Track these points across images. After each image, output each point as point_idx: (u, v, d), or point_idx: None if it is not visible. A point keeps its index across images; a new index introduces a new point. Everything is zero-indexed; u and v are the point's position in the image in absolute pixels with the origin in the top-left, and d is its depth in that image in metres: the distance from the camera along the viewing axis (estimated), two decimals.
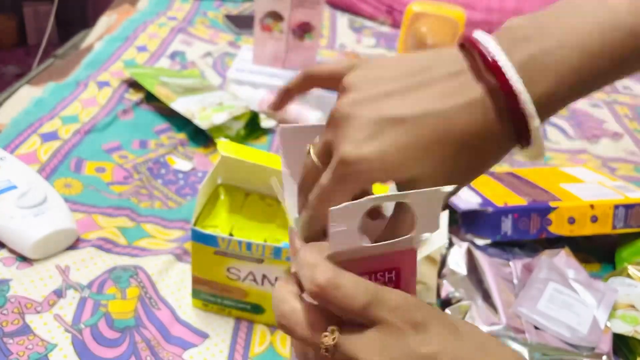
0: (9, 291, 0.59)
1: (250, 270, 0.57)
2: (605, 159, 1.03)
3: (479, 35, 0.33)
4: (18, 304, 0.58)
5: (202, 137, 0.92)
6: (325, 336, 0.30)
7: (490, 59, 0.32)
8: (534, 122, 0.32)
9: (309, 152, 0.36)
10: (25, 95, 0.97)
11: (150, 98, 0.99)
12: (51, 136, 0.85)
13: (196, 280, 0.59)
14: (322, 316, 0.31)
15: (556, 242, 0.74)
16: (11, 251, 0.64)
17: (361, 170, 0.32)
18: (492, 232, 0.70)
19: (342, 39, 1.43)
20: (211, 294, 0.60)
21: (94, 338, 0.55)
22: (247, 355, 0.57)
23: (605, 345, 0.60)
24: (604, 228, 0.73)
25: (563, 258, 0.70)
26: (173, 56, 1.18)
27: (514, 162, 0.99)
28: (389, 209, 0.35)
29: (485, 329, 0.59)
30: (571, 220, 0.72)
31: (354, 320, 0.30)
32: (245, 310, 0.60)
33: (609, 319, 0.63)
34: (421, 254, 0.61)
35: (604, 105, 1.25)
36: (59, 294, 0.60)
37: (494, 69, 0.32)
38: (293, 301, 0.32)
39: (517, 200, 0.72)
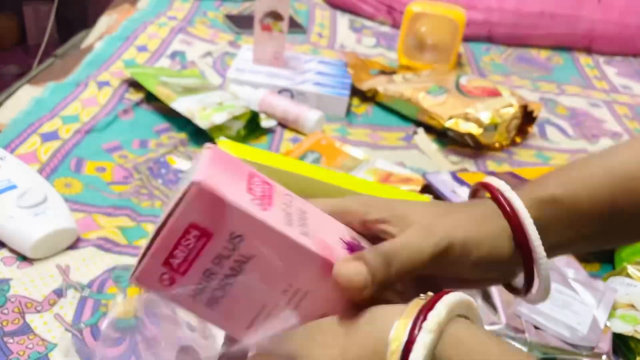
0: (9, 291, 0.59)
1: None
2: None
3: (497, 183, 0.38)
4: (18, 304, 0.58)
5: (202, 137, 0.92)
6: None
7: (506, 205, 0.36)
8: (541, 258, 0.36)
9: None
10: (25, 95, 0.97)
11: (150, 98, 0.99)
12: (51, 136, 0.85)
13: None
14: None
15: None
16: (11, 251, 0.64)
17: None
18: None
19: (342, 39, 1.43)
20: None
21: (94, 338, 0.56)
22: None
23: (605, 344, 0.60)
24: None
25: (563, 258, 0.70)
26: (173, 56, 1.18)
27: (514, 162, 0.99)
28: None
29: (485, 328, 0.60)
30: None
31: None
32: None
33: (608, 319, 0.63)
34: None
35: (603, 105, 1.25)
36: (59, 293, 0.60)
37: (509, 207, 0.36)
38: None
39: None
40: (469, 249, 0.34)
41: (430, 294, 0.32)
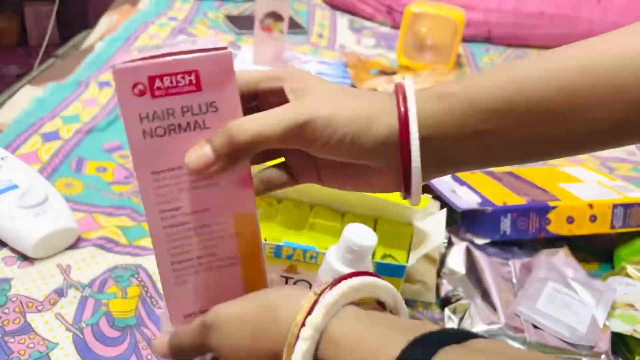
0: (10, 290, 0.59)
1: None
2: (604, 158, 1.03)
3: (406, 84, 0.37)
4: (19, 303, 0.58)
5: None
6: None
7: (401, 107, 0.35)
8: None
9: None
10: (26, 96, 0.97)
11: None
12: (52, 136, 0.85)
13: None
14: None
15: (555, 241, 0.74)
16: (13, 250, 0.64)
17: None
18: (492, 231, 0.70)
19: (342, 40, 1.43)
20: None
21: (95, 337, 0.56)
22: None
23: (604, 344, 0.60)
24: (603, 227, 0.73)
25: (562, 257, 0.70)
26: None
27: None
28: None
29: (484, 327, 0.60)
30: (570, 220, 0.72)
31: None
32: None
33: (607, 318, 0.63)
34: (420, 252, 0.61)
35: None
36: (60, 293, 0.60)
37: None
38: None
39: (516, 200, 0.72)
40: (335, 125, 0.34)
41: (329, 280, 0.34)
